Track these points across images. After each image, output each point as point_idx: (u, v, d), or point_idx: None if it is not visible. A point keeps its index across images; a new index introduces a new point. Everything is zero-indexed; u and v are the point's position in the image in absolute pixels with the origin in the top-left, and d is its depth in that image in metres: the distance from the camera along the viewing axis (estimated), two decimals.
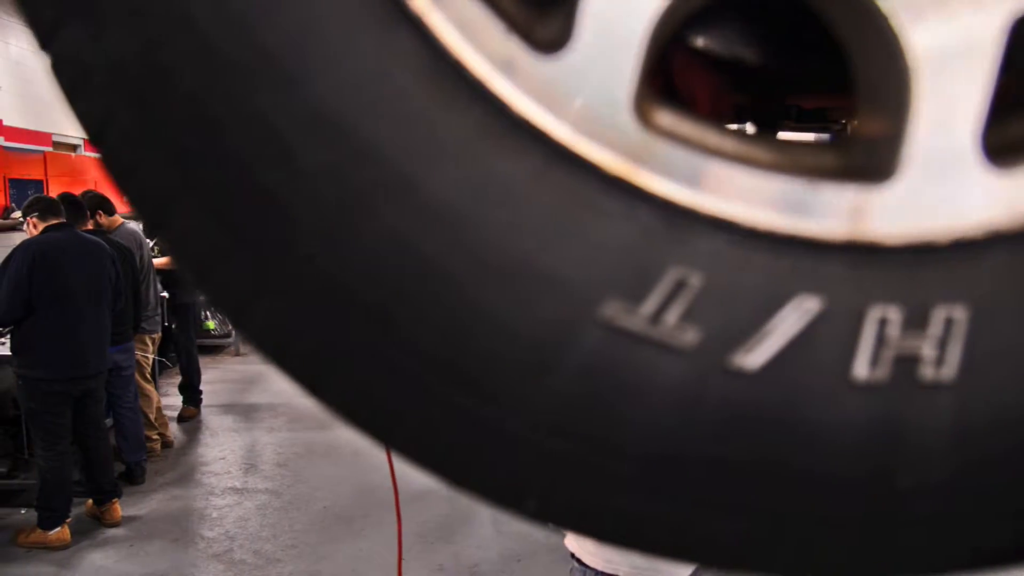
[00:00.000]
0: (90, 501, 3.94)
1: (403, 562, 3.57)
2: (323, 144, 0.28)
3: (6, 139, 7.59)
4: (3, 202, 5.83)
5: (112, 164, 0.32)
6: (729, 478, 0.30)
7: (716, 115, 0.61)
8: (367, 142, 0.28)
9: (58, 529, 3.64)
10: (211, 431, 5.39)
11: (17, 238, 5.03)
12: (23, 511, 3.99)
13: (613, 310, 0.29)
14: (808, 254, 0.32)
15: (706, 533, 0.31)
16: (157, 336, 4.92)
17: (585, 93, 0.31)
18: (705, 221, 0.31)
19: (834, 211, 0.33)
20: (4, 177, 5.86)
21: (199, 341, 7.41)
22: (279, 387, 6.51)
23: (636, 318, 0.29)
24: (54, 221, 3.68)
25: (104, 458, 3.94)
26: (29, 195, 6.46)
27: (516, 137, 0.30)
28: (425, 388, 0.30)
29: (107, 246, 3.92)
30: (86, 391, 3.75)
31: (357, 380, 0.31)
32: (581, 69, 0.31)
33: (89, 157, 10.04)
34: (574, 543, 1.72)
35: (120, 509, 3.94)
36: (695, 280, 0.30)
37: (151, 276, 4.80)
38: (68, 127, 10.20)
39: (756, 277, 0.31)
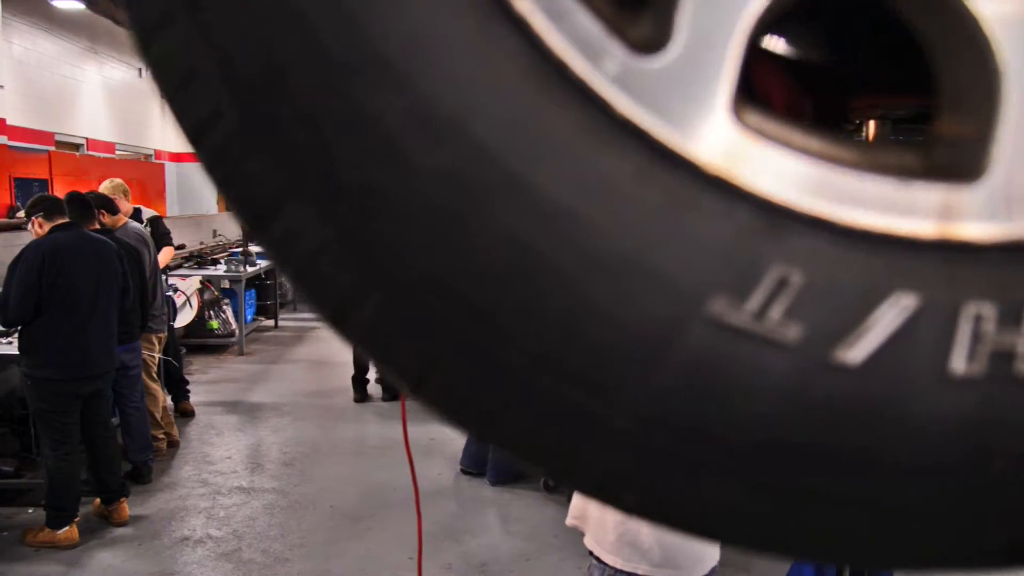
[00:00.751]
0: (97, 500, 3.94)
1: (411, 561, 3.59)
2: (436, 144, 0.29)
3: (9, 138, 7.58)
4: (8, 201, 5.83)
5: (214, 163, 0.33)
6: (829, 470, 0.31)
7: (790, 116, 0.62)
8: (479, 142, 0.29)
9: (66, 528, 3.64)
10: (216, 430, 5.39)
11: (22, 237, 5.03)
12: (30, 510, 4.00)
13: (720, 306, 0.30)
14: (902, 252, 0.32)
15: (804, 525, 0.32)
16: (163, 335, 4.92)
17: (683, 93, 0.32)
18: (802, 220, 0.32)
19: (924, 210, 0.34)
20: (9, 176, 5.85)
21: (203, 340, 7.44)
22: (282, 386, 6.52)
23: (742, 314, 0.30)
24: (60, 221, 3.68)
25: (111, 457, 3.95)
26: (33, 193, 6.47)
27: (618, 136, 0.31)
28: (533, 384, 0.31)
29: (115, 245, 3.92)
30: (94, 391, 3.75)
31: (464, 378, 0.32)
32: (680, 69, 0.32)
33: (93, 156, 10.04)
34: (592, 541, 1.73)
35: (128, 508, 3.94)
36: (796, 277, 0.31)
37: (157, 275, 4.80)
38: (71, 126, 10.21)
39: (854, 275, 0.31)
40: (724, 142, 0.32)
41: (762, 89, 0.52)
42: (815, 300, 0.31)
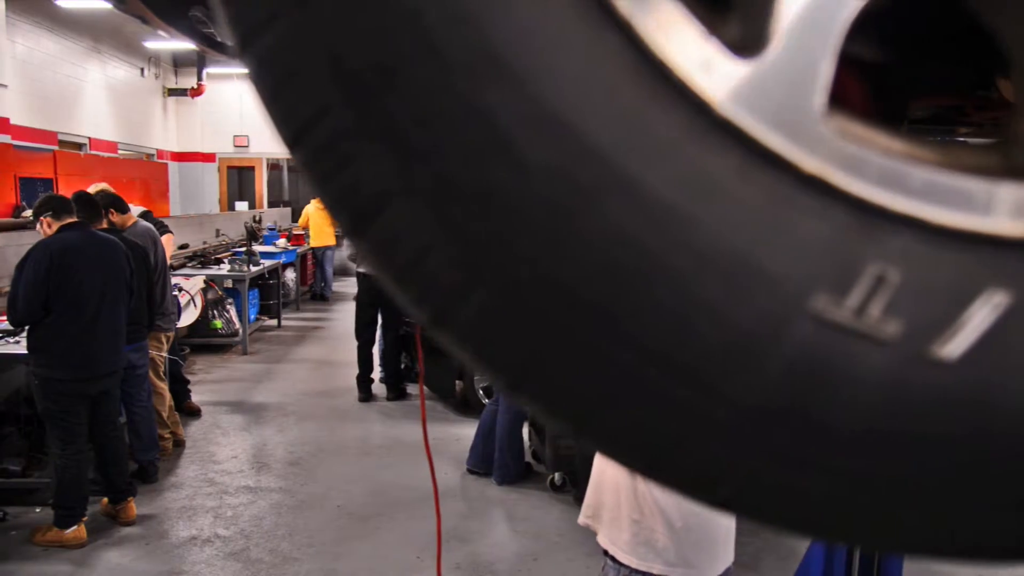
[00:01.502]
0: (105, 500, 3.95)
1: (419, 561, 3.59)
2: (548, 143, 0.29)
3: (13, 137, 7.58)
4: (13, 201, 5.83)
5: (315, 162, 0.33)
6: (928, 464, 0.32)
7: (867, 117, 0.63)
8: (590, 141, 0.30)
9: (74, 528, 3.64)
10: (221, 430, 5.39)
11: (26, 237, 5.03)
12: (38, 509, 4.00)
13: (822, 303, 0.30)
14: (991, 250, 0.33)
15: (902, 520, 0.33)
16: (171, 334, 4.92)
17: (780, 95, 0.32)
18: (894, 219, 0.32)
19: (1009, 209, 0.34)
20: (15, 176, 5.86)
21: (206, 340, 7.44)
22: (287, 386, 6.53)
23: (843, 311, 0.30)
24: (68, 220, 3.68)
25: (119, 457, 3.95)
26: (39, 193, 6.47)
27: (720, 136, 0.31)
28: (640, 380, 0.31)
29: (122, 245, 3.93)
30: (103, 390, 3.76)
31: (569, 375, 0.33)
32: (777, 72, 0.32)
33: (97, 156, 10.04)
34: (607, 540, 1.73)
35: (135, 508, 3.95)
36: (893, 275, 0.31)
37: (166, 273, 4.80)
38: (74, 126, 10.21)
39: (948, 273, 0.32)
40: (818, 143, 0.33)
41: (839, 91, 0.52)
42: (912, 297, 0.31)
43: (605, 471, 1.72)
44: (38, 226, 3.70)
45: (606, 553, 1.78)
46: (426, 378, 6.11)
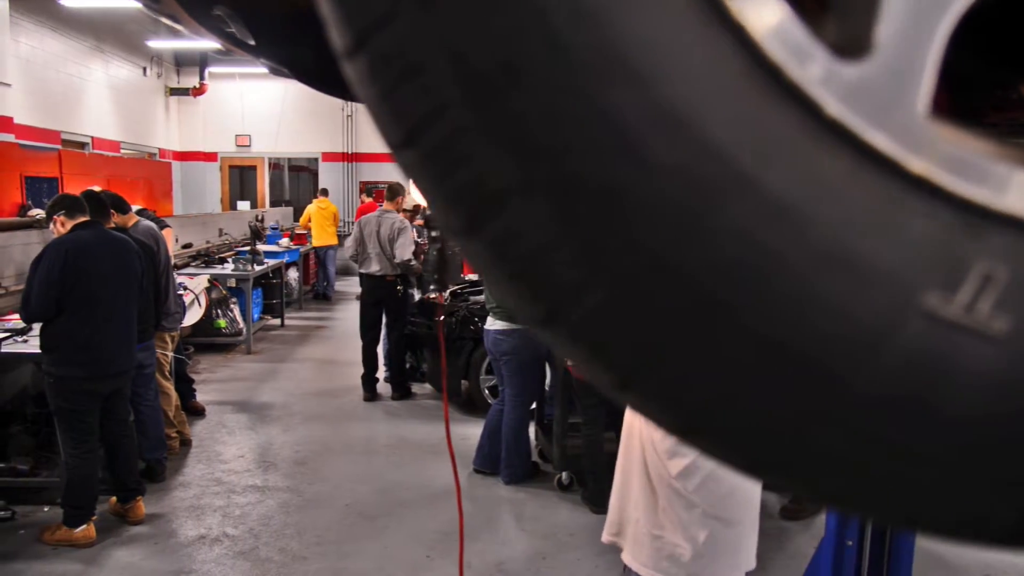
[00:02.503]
0: (114, 499, 3.95)
1: (428, 560, 3.60)
2: (672, 143, 0.30)
3: (17, 137, 7.58)
4: (20, 200, 5.83)
5: (430, 161, 0.33)
6: None
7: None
8: (711, 140, 0.30)
9: (84, 527, 3.64)
10: (227, 429, 5.40)
11: (34, 236, 5.04)
12: (46, 508, 4.00)
13: (934, 300, 0.31)
14: None
15: (1003, 511, 0.33)
16: (176, 334, 4.92)
17: (887, 97, 0.33)
18: (999, 219, 0.33)
19: None
20: (20, 175, 5.85)
21: (210, 339, 7.44)
22: (291, 385, 6.53)
23: (953, 307, 0.31)
24: (81, 219, 3.69)
25: (130, 456, 3.95)
26: (44, 192, 6.47)
27: (831, 138, 0.32)
28: (756, 375, 0.32)
29: (134, 244, 3.93)
30: (114, 389, 3.76)
31: (683, 372, 0.33)
32: (883, 75, 0.33)
33: (102, 155, 10.03)
34: (630, 557, 1.72)
35: (143, 507, 3.95)
36: (1001, 273, 0.32)
37: (170, 273, 4.80)
38: (76, 125, 10.20)
39: None
40: (922, 144, 0.34)
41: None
42: (1020, 294, 0.32)
43: (628, 488, 1.72)
44: (51, 225, 3.71)
45: (627, 568, 1.77)
46: (431, 378, 6.13)
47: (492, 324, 4.44)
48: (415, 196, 7.19)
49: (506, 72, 0.30)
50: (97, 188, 4.82)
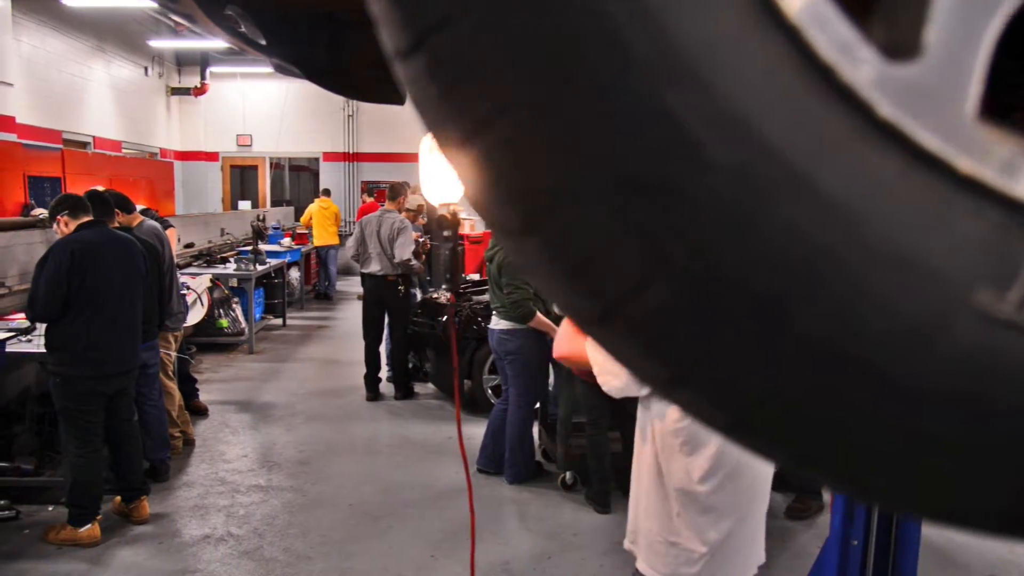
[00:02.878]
0: (118, 498, 3.95)
1: (433, 560, 3.60)
2: (729, 142, 0.30)
3: (19, 136, 7.58)
4: (23, 199, 5.83)
5: (489, 160, 0.34)
6: None
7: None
8: (766, 140, 0.30)
9: (88, 526, 3.65)
10: (231, 429, 5.40)
11: (37, 235, 5.03)
12: (50, 508, 4.00)
13: (985, 297, 0.31)
14: None
15: None
16: (179, 334, 4.93)
17: (937, 99, 0.33)
18: None
19: None
20: (23, 174, 5.85)
21: (212, 339, 7.45)
22: (294, 385, 6.53)
23: (1005, 305, 0.31)
24: (85, 219, 3.69)
25: (134, 456, 3.95)
26: (47, 192, 6.47)
27: (881, 138, 0.32)
28: (808, 372, 0.32)
29: (138, 243, 3.93)
30: (120, 389, 3.76)
31: (736, 368, 0.33)
32: (932, 77, 0.33)
33: (104, 155, 10.03)
34: (645, 565, 1.71)
35: (148, 506, 3.95)
36: None
37: (174, 272, 4.80)
38: (78, 124, 10.21)
39: None
40: (972, 146, 0.34)
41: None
42: None
43: (641, 498, 1.72)
44: (55, 225, 3.71)
45: (637, 572, 1.76)
46: (434, 377, 6.13)
47: (497, 323, 4.45)
48: (418, 196, 7.21)
49: (563, 72, 0.30)
50: (101, 188, 4.82)
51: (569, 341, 1.68)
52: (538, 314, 4.17)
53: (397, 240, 5.91)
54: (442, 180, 1.49)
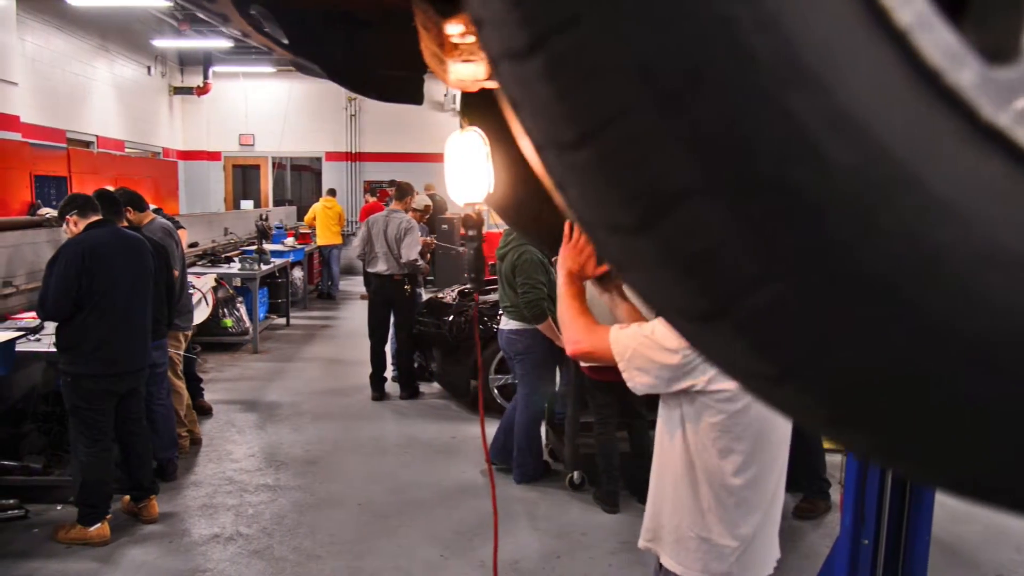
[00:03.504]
0: (127, 497, 3.95)
1: (443, 559, 3.60)
2: (849, 144, 0.31)
3: (24, 135, 7.58)
4: (29, 199, 5.84)
5: (611, 159, 0.34)
6: None
7: None
8: (882, 142, 0.31)
9: (98, 525, 3.65)
10: (237, 428, 5.40)
11: (43, 235, 5.03)
12: (59, 507, 4.01)
13: None
14: None
15: None
16: (189, 332, 4.93)
17: None
18: None
19: None
20: (30, 173, 5.85)
21: (217, 339, 7.45)
22: (299, 385, 6.53)
23: None
24: (94, 218, 3.69)
25: (144, 455, 3.96)
26: (53, 191, 6.47)
27: (986, 140, 0.33)
28: (919, 369, 0.33)
29: (148, 243, 3.94)
30: (130, 388, 3.77)
31: (846, 363, 0.34)
32: None
33: (109, 154, 10.03)
34: (673, 562, 1.70)
35: (157, 506, 3.95)
36: None
37: (184, 271, 4.81)
38: (82, 124, 10.20)
39: None
40: None
41: None
42: None
43: (664, 494, 1.71)
44: (64, 225, 3.71)
45: (664, 569, 1.76)
46: (441, 377, 6.13)
47: (506, 324, 4.45)
48: (425, 197, 7.21)
49: (691, 76, 0.31)
50: (111, 188, 4.82)
51: (589, 336, 1.65)
52: (548, 319, 4.16)
53: (404, 240, 5.91)
54: (467, 179, 1.49)
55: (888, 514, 3.06)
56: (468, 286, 6.65)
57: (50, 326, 3.87)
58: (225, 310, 7.57)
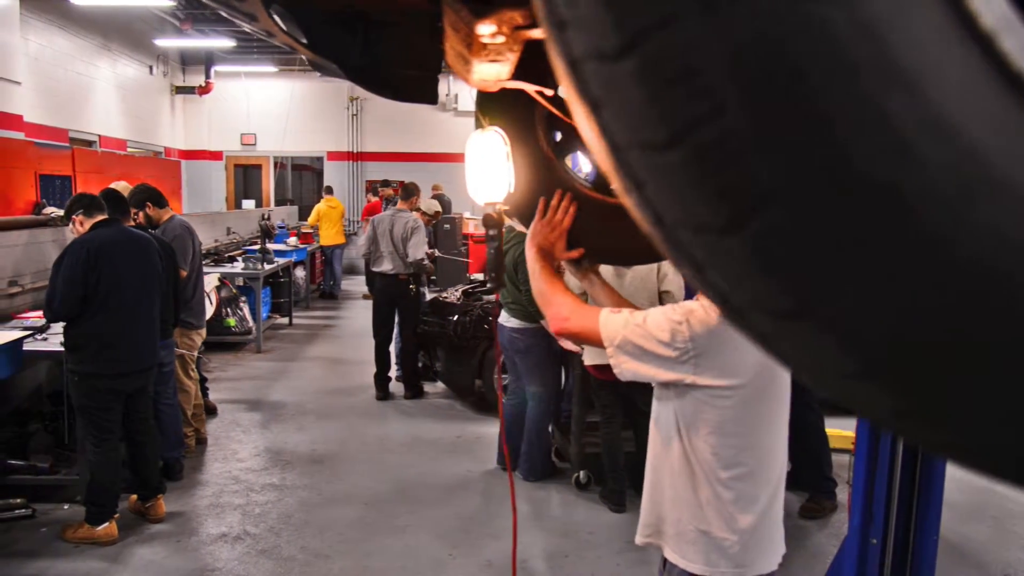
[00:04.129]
0: (134, 497, 3.96)
1: (451, 558, 3.60)
2: (939, 144, 0.31)
3: (27, 135, 7.58)
4: (34, 198, 5.84)
5: (698, 159, 0.34)
6: None
7: None
8: (973, 143, 0.31)
9: (106, 525, 3.65)
10: (242, 428, 5.40)
11: (48, 234, 5.03)
12: (66, 506, 4.01)
13: None
14: None
15: None
16: (203, 331, 4.92)
17: None
18: None
19: None
20: (35, 173, 5.85)
21: (220, 338, 7.45)
22: (303, 384, 6.54)
23: None
24: (100, 217, 3.69)
25: (152, 454, 3.96)
26: (57, 190, 6.47)
27: None
28: (1004, 356, 0.33)
29: (154, 241, 3.94)
30: (138, 387, 3.77)
31: (936, 357, 0.34)
32: None
33: (113, 154, 10.02)
34: (675, 555, 1.70)
35: (164, 505, 3.95)
36: None
37: (200, 270, 4.81)
38: (84, 123, 10.20)
39: None
40: None
41: None
42: None
43: (661, 487, 1.71)
44: (70, 224, 3.71)
45: (667, 565, 1.76)
46: (445, 377, 6.13)
47: (507, 321, 4.45)
48: (435, 203, 7.25)
49: (789, 76, 0.31)
50: (121, 183, 4.83)
51: (577, 314, 1.61)
52: None
53: (411, 240, 5.92)
54: (487, 179, 1.49)
55: (896, 513, 3.06)
56: (472, 286, 6.65)
57: (57, 325, 3.88)
58: (228, 309, 7.57)
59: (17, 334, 3.86)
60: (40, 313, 4.28)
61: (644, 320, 1.55)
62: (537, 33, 0.98)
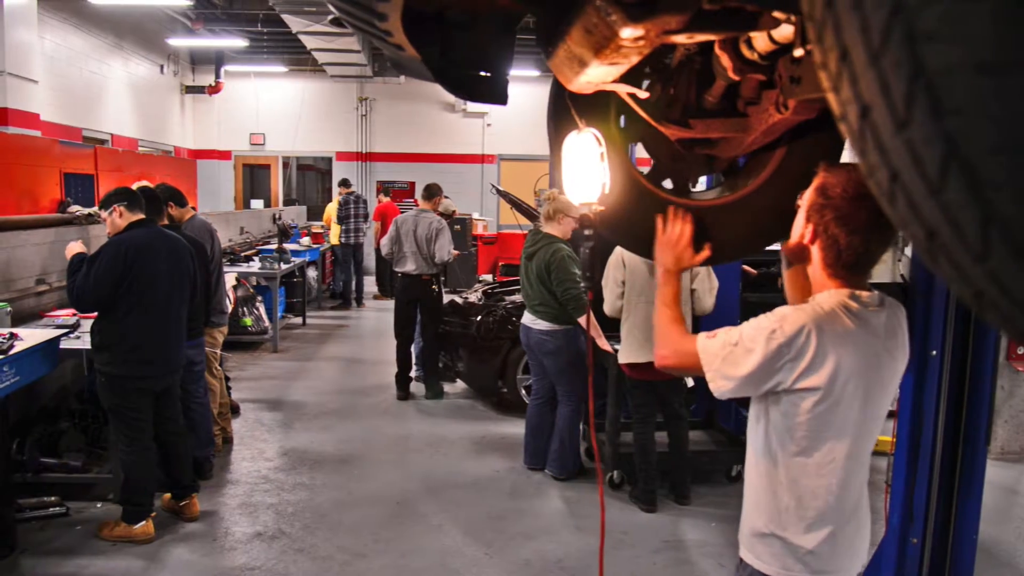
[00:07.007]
0: (167, 495, 3.96)
1: (488, 557, 3.61)
2: None
3: (43, 133, 7.57)
4: (59, 196, 5.83)
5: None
6: None
7: None
8: None
9: (143, 523, 3.65)
10: (266, 427, 5.41)
11: (73, 232, 5.02)
12: (99, 505, 4.01)
13: None
14: None
15: None
16: (225, 329, 4.93)
17: None
18: None
19: None
20: (60, 171, 5.85)
21: (237, 337, 7.45)
22: (321, 384, 6.54)
23: None
24: (138, 216, 3.69)
25: (183, 453, 3.96)
26: (79, 188, 6.46)
27: None
28: None
29: (186, 243, 3.94)
30: (166, 387, 3.77)
31: None
32: None
33: (133, 153, 10.01)
34: (751, 556, 1.72)
35: (198, 504, 3.96)
36: None
37: (220, 268, 4.81)
38: (97, 122, 10.19)
39: None
40: None
41: None
42: None
43: (751, 490, 1.73)
44: (107, 215, 3.66)
45: (742, 564, 1.78)
46: (467, 376, 6.13)
47: (534, 323, 4.46)
48: (451, 203, 7.28)
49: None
50: (144, 183, 4.82)
51: (676, 349, 1.68)
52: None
53: (436, 241, 5.93)
54: (583, 180, 1.51)
55: (936, 513, 3.08)
56: (493, 286, 6.66)
57: (86, 323, 3.87)
58: (244, 309, 7.57)
59: (52, 332, 3.85)
60: (70, 311, 4.28)
61: (740, 337, 1.56)
62: (681, 38, 0.99)
